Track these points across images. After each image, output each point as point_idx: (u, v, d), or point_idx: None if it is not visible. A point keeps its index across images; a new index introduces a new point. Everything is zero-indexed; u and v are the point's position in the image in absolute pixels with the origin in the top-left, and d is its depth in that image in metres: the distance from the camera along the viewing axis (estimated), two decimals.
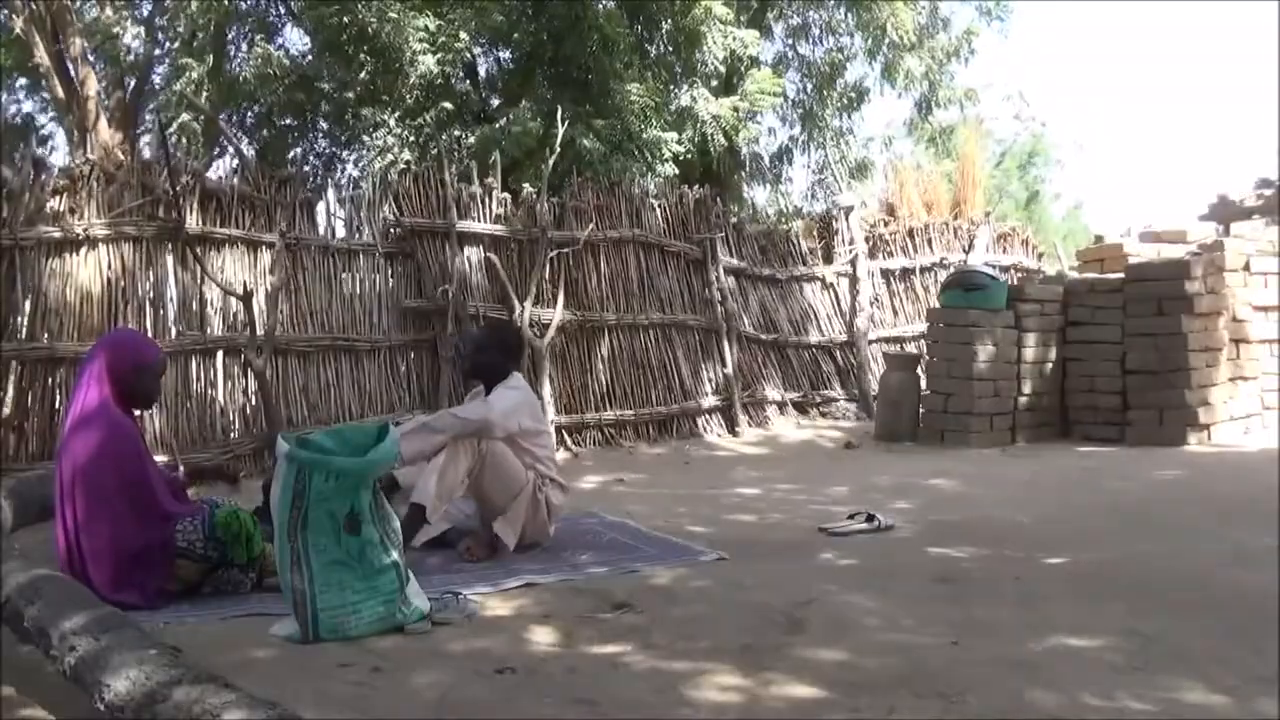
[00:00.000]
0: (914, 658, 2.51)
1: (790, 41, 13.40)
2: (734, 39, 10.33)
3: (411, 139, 9.09)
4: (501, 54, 10.66)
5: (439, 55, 9.07)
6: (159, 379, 3.56)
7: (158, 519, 3.18)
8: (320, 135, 11.43)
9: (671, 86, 10.53)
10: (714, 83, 10.85)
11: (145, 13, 12.12)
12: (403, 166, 8.62)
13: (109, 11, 11.42)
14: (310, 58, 10.70)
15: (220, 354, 6.25)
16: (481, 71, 10.87)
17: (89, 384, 3.25)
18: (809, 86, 13.17)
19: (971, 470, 6.14)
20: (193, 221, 6.26)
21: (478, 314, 7.08)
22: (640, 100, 9.29)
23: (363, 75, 9.50)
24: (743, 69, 10.88)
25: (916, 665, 2.45)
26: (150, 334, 5.98)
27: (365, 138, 9.68)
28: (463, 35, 9.10)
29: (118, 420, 3.22)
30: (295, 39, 12.38)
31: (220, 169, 6.69)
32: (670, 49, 10.56)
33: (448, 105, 9.24)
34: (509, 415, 3.84)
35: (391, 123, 9.11)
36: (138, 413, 3.90)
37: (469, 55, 9.62)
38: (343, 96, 9.87)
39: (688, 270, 8.37)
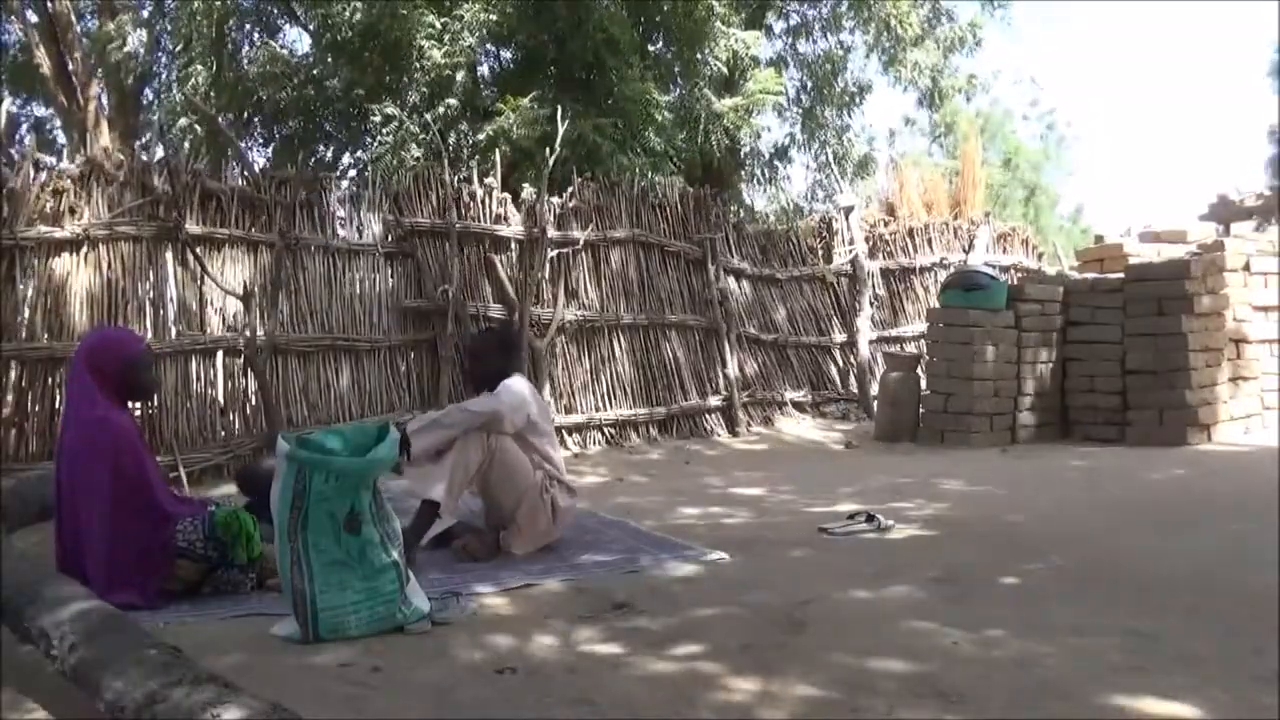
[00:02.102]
0: (914, 658, 2.51)
1: (789, 40, 13.41)
2: (736, 40, 10.33)
3: (422, 135, 9.10)
4: (504, 53, 10.66)
5: (445, 50, 9.07)
6: (150, 369, 3.55)
7: (158, 519, 3.18)
8: (325, 139, 11.41)
9: (673, 86, 10.53)
10: (715, 82, 10.84)
11: (146, 14, 12.12)
12: (413, 162, 8.62)
13: (110, 16, 11.44)
14: (312, 58, 10.69)
15: (220, 354, 6.26)
16: (485, 70, 10.86)
17: (81, 387, 3.24)
18: (809, 84, 13.17)
19: (971, 470, 6.14)
20: (193, 222, 6.27)
21: (478, 314, 7.09)
22: (644, 96, 9.28)
23: (369, 72, 9.48)
24: (744, 68, 10.87)
25: (917, 665, 2.45)
26: (150, 334, 5.99)
27: (372, 136, 9.66)
28: (467, 35, 9.10)
29: (115, 419, 3.22)
30: (294, 37, 12.39)
31: (229, 176, 6.63)
32: (672, 49, 10.56)
33: (453, 102, 9.24)
34: (517, 408, 3.85)
35: (404, 117, 9.10)
36: (136, 409, 3.89)
37: (473, 53, 9.61)
38: (351, 93, 9.85)
39: (688, 270, 8.38)
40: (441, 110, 9.11)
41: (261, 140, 11.37)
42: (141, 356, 3.43)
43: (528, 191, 7.76)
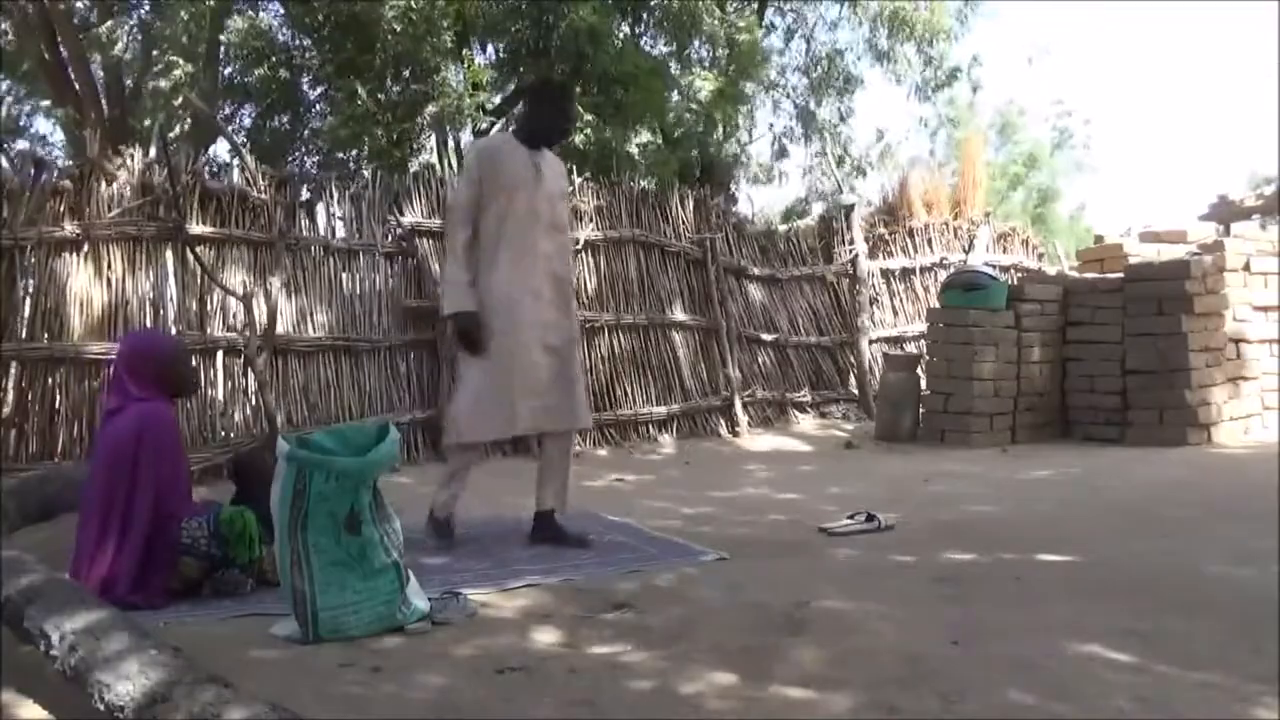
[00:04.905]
0: (914, 658, 2.51)
1: (788, 38, 13.44)
2: (730, 25, 10.30)
3: (383, 115, 9.05)
4: (490, 47, 10.64)
5: (414, 32, 9.01)
6: (187, 363, 3.62)
7: (177, 514, 3.21)
8: (314, 135, 11.35)
9: (667, 76, 10.51)
10: (709, 66, 10.85)
11: (142, 13, 12.07)
12: (379, 144, 8.60)
13: (106, 16, 11.39)
14: (288, 37, 10.62)
15: (220, 354, 6.26)
16: (480, 60, 10.85)
17: (121, 387, 3.29)
18: (808, 82, 13.20)
19: (971, 470, 6.15)
20: (193, 222, 6.27)
21: None
22: (632, 75, 9.25)
23: (342, 52, 9.44)
24: (738, 51, 10.84)
25: (916, 665, 2.45)
26: None
27: (338, 114, 9.58)
28: (442, 21, 9.03)
29: (156, 412, 3.26)
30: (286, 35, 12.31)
31: (217, 169, 6.66)
32: (664, 39, 10.54)
33: (418, 87, 9.17)
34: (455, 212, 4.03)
35: (364, 94, 9.05)
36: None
37: (449, 37, 9.53)
38: (323, 71, 9.78)
39: (688, 270, 8.38)
40: (400, 88, 9.05)
41: (252, 138, 11.28)
42: (174, 352, 3.51)
43: None
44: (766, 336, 8.77)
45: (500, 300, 3.89)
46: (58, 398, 5.72)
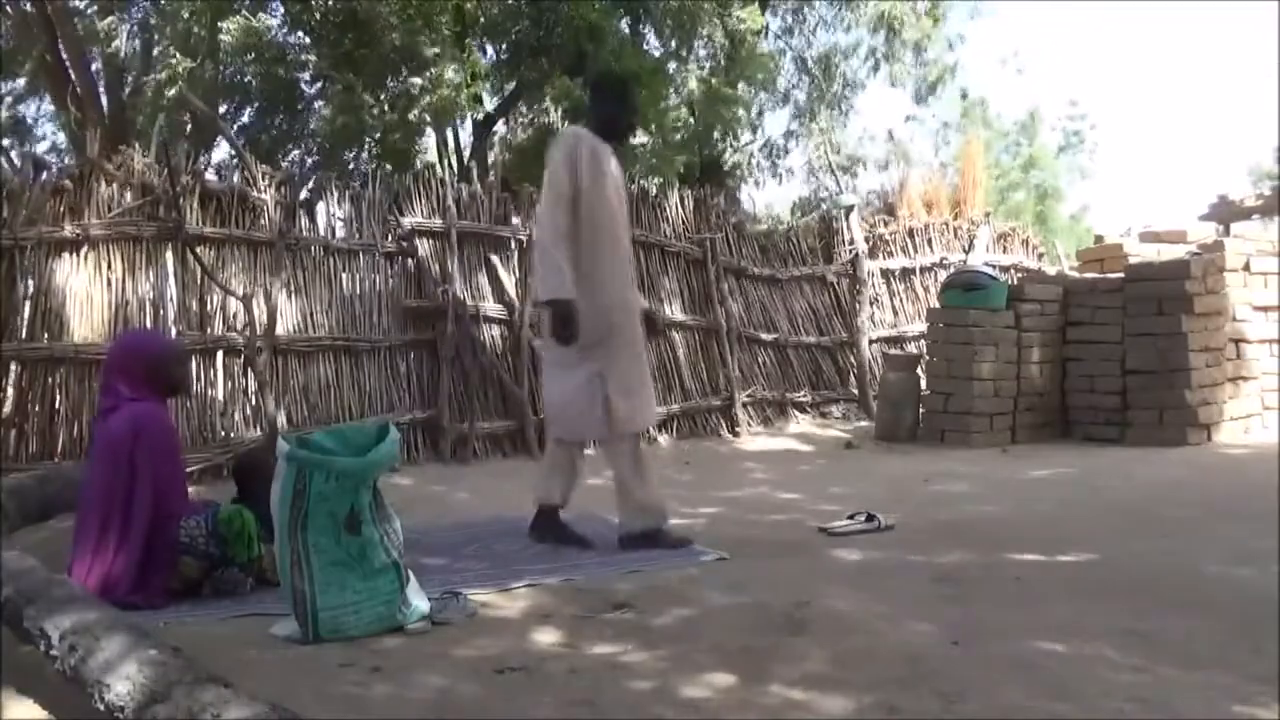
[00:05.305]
0: (914, 658, 2.51)
1: (787, 37, 13.47)
2: (733, 18, 10.31)
3: (382, 110, 9.03)
4: (490, 45, 10.66)
5: (410, 26, 9.01)
6: (182, 364, 3.60)
7: (176, 514, 3.21)
8: (313, 134, 11.36)
9: (669, 74, 10.52)
10: (709, 66, 10.87)
11: (138, 17, 12.08)
12: (378, 136, 8.62)
13: (103, 12, 11.40)
14: (285, 36, 10.64)
15: (220, 354, 6.25)
16: (484, 60, 10.87)
17: (113, 388, 3.29)
18: (807, 82, 13.22)
19: (971, 470, 6.14)
20: (193, 222, 6.27)
21: (478, 314, 7.08)
22: (634, 68, 9.26)
23: (340, 49, 9.45)
24: (740, 51, 10.86)
25: (916, 665, 2.45)
26: None
27: (329, 106, 9.57)
28: (440, 17, 9.03)
29: (150, 412, 3.25)
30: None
31: (217, 169, 6.68)
32: (667, 34, 10.55)
33: (416, 81, 9.16)
34: (545, 220, 3.86)
35: (357, 85, 9.02)
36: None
37: (445, 33, 9.52)
38: (319, 66, 9.78)
39: (688, 270, 8.37)
40: (397, 83, 9.05)
41: (250, 138, 11.29)
42: (167, 352, 3.50)
43: (528, 191, 7.76)
44: (766, 336, 8.77)
45: (613, 297, 3.87)
46: (58, 398, 5.71)
